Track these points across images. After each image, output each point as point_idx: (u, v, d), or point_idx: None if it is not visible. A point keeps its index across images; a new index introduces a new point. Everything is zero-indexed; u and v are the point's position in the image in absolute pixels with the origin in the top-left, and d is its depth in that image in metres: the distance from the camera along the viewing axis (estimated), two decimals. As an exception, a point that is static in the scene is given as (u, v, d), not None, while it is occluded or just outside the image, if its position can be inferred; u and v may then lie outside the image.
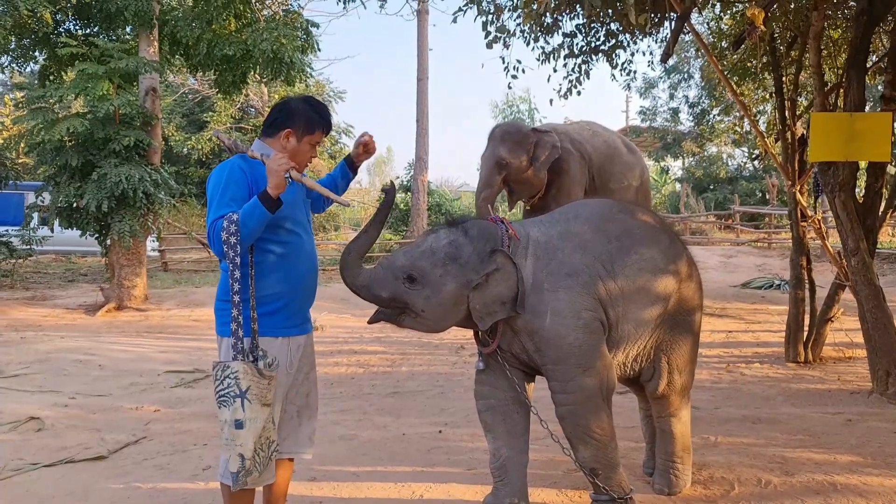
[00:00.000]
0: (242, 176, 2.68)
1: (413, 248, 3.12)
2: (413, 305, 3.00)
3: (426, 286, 2.99)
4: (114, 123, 10.01)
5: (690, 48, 21.73)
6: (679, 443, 3.52)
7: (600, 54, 7.15)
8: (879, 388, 5.34)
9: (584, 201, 3.84)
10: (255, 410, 2.54)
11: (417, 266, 3.00)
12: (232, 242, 2.54)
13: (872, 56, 6.78)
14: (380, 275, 3.02)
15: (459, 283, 3.01)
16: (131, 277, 10.48)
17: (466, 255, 3.04)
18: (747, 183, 26.31)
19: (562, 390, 3.09)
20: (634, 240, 3.34)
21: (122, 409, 5.25)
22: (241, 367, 2.54)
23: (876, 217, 5.76)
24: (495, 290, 3.02)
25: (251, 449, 2.53)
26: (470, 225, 3.14)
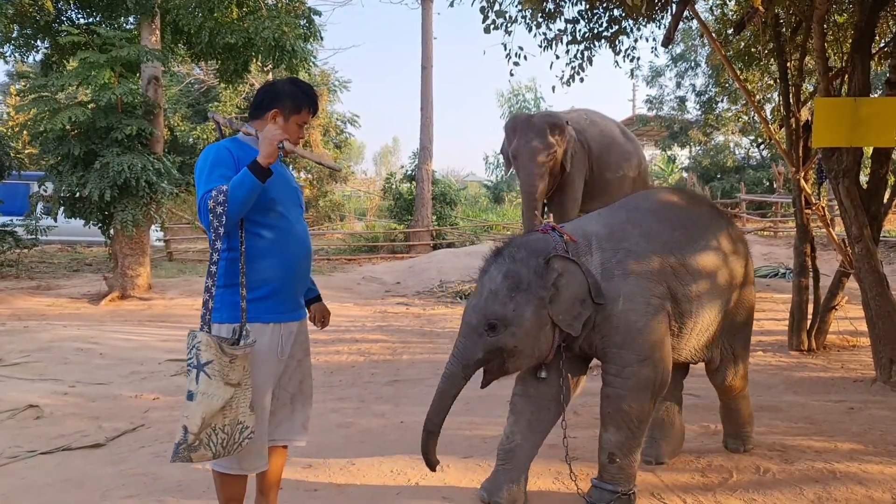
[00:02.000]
0: (229, 156, 2.64)
1: (475, 301, 3.10)
2: (506, 348, 3.02)
3: (508, 325, 2.99)
4: (116, 112, 9.99)
5: (697, 36, 21.58)
6: (746, 414, 3.85)
7: (603, 40, 7.07)
8: (883, 376, 5.30)
9: (644, 192, 3.88)
10: (214, 387, 2.46)
11: (489, 314, 3.00)
12: (218, 212, 2.49)
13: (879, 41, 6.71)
14: (466, 344, 3.04)
15: (534, 306, 3.02)
16: (135, 266, 10.49)
17: (525, 278, 3.04)
18: (754, 172, 26.16)
19: (617, 374, 3.12)
20: (698, 226, 3.45)
21: (122, 398, 5.25)
22: (204, 339, 2.49)
23: (881, 204, 5.70)
24: (569, 293, 3.04)
25: (197, 424, 2.43)
26: (514, 248, 3.14)
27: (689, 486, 3.41)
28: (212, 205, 2.49)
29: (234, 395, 2.52)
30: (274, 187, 2.68)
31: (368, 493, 3.39)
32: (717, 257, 3.42)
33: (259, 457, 2.70)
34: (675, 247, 3.28)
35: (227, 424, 2.50)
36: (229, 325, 2.62)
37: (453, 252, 15.69)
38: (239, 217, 2.57)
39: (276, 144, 2.57)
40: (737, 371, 3.67)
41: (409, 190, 20.79)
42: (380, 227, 22.41)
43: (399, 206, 21.00)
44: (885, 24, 6.63)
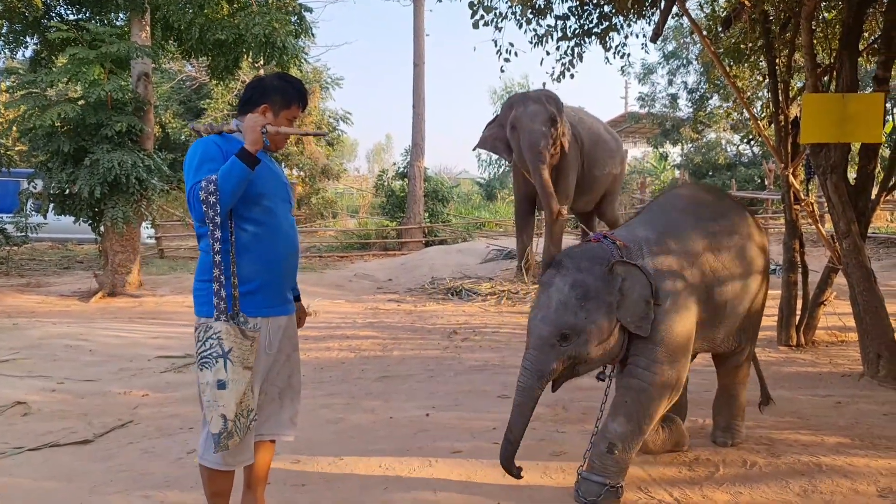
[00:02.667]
0: (218, 150, 2.64)
1: (543, 311, 3.15)
2: (580, 357, 3.12)
3: (580, 334, 3.09)
4: (106, 109, 9.96)
5: (689, 33, 21.63)
6: (741, 404, 3.95)
7: (593, 37, 7.10)
8: (870, 370, 5.33)
9: (676, 193, 3.98)
10: (238, 373, 2.53)
11: (562, 324, 3.08)
12: (211, 202, 2.50)
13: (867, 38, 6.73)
14: (539, 357, 3.10)
15: (605, 313, 3.12)
16: (125, 264, 10.47)
17: (593, 287, 3.13)
18: (745, 169, 26.22)
19: (646, 367, 3.22)
20: (730, 222, 3.66)
21: (111, 394, 5.24)
22: (223, 328, 2.53)
23: (868, 199, 5.72)
24: (635, 296, 3.15)
25: (233, 410, 2.51)
26: (577, 259, 3.24)
27: (675, 479, 3.43)
28: (203, 195, 2.50)
29: (250, 381, 2.59)
30: (262, 182, 2.69)
31: (356, 488, 3.39)
32: (748, 252, 3.65)
33: (246, 451, 2.70)
34: (712, 245, 3.49)
35: (244, 410, 2.57)
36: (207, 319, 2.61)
37: (445, 249, 15.70)
38: (231, 204, 2.58)
39: (259, 130, 2.58)
40: (751, 352, 3.91)
41: (402, 187, 20.77)
42: (372, 224, 22.38)
43: (391, 203, 20.99)
44: (873, 20, 6.65)
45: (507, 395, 4.97)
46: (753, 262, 3.68)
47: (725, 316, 3.55)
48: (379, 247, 19.10)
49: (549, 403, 4.60)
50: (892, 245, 13.46)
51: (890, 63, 5.61)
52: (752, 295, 3.70)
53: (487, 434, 4.14)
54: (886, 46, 5.57)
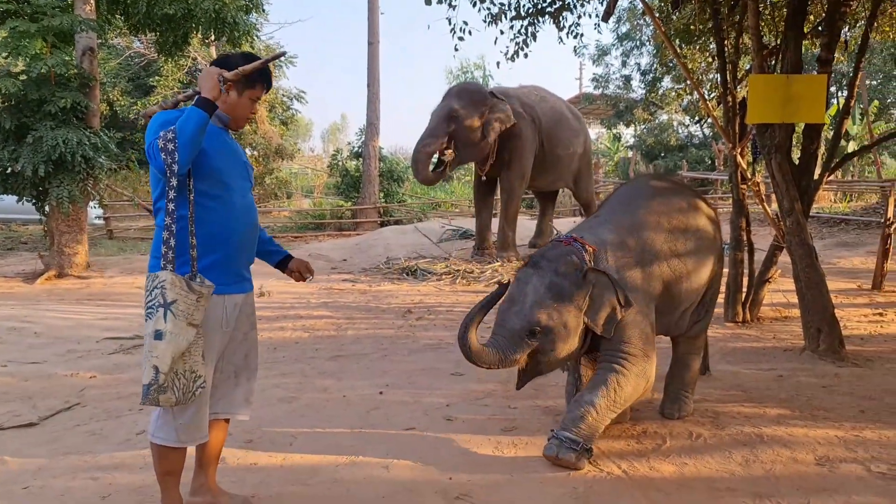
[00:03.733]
0: (178, 114, 2.59)
1: (518, 304, 3.32)
2: (544, 352, 3.31)
3: (549, 332, 3.28)
4: (49, 84, 9.65)
5: (642, 15, 21.80)
6: (693, 373, 4.11)
7: (546, 16, 7.11)
8: (811, 345, 5.50)
9: (634, 187, 4.07)
10: (179, 327, 2.45)
11: (534, 321, 3.26)
12: (170, 149, 2.45)
13: (812, 20, 6.87)
14: (505, 345, 3.26)
15: (573, 315, 3.32)
16: (72, 244, 10.21)
17: (567, 289, 3.32)
18: (696, 150, 26.69)
19: (624, 357, 3.43)
20: (686, 214, 3.86)
21: (57, 376, 5.13)
22: (168, 277, 2.47)
23: (811, 179, 5.87)
24: (602, 302, 3.36)
25: (167, 364, 2.42)
26: (554, 263, 3.38)
27: (624, 452, 3.50)
28: (161, 143, 2.45)
29: (195, 340, 2.51)
30: (219, 157, 2.66)
31: (309, 467, 3.38)
32: (705, 243, 3.88)
33: (199, 429, 2.67)
34: (671, 242, 3.70)
35: (187, 371, 2.49)
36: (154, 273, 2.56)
37: (401, 229, 15.66)
38: (193, 152, 2.51)
39: (216, 77, 2.56)
40: (708, 323, 4.17)
41: (356, 167, 20.63)
42: (327, 204, 22.22)
43: (346, 183, 20.84)
44: (818, 3, 6.79)
45: (460, 373, 5.03)
46: (709, 253, 3.93)
47: (682, 305, 3.82)
48: (334, 227, 18.98)
49: (501, 380, 4.66)
50: (835, 225, 13.85)
51: (833, 45, 5.76)
52: (707, 282, 3.96)
53: (441, 411, 4.17)
54: (829, 29, 5.71)
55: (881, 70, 23.74)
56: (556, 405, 4.20)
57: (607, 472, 3.27)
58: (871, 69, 23.04)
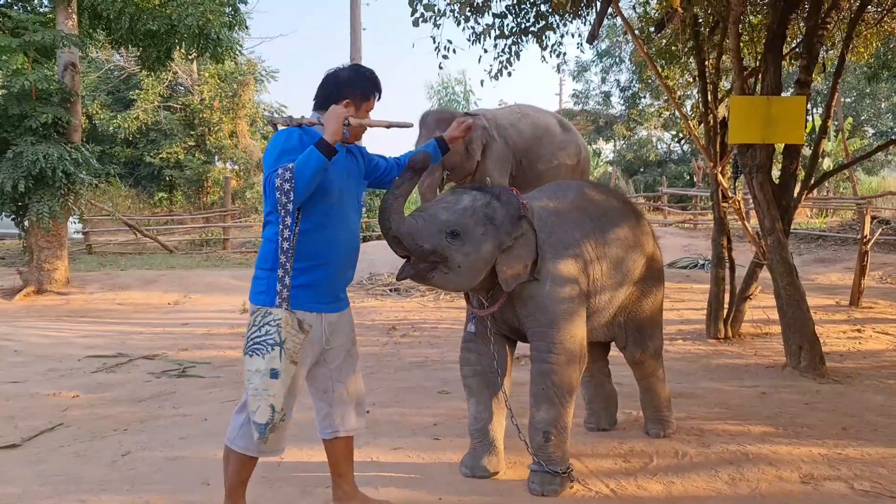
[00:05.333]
0: (298, 141, 2.63)
1: (450, 204, 3.17)
2: (452, 260, 3.07)
3: (467, 243, 3.09)
4: (30, 99, 9.60)
5: (622, 33, 22.07)
6: (663, 396, 4.04)
7: (530, 35, 7.18)
8: (792, 361, 5.57)
9: (565, 182, 4.14)
10: (287, 365, 2.50)
11: (462, 223, 3.09)
12: (286, 189, 2.47)
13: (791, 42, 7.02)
14: (422, 226, 3.04)
15: (495, 244, 3.15)
16: (52, 260, 10.11)
17: (500, 218, 3.19)
18: (675, 166, 26.99)
19: (548, 350, 3.27)
20: (611, 219, 3.69)
21: (39, 396, 5.07)
22: (284, 315, 2.50)
23: (791, 198, 5.97)
24: (521, 254, 3.22)
25: (281, 403, 2.49)
26: (499, 191, 3.31)
27: (612, 471, 3.52)
28: (279, 182, 2.47)
29: (296, 375, 2.58)
30: (334, 175, 2.69)
31: (297, 487, 3.37)
32: (627, 248, 3.69)
33: (282, 441, 2.74)
34: (593, 236, 3.52)
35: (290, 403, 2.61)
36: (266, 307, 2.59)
37: (384, 245, 15.63)
38: (307, 194, 2.54)
39: (342, 121, 2.58)
40: (645, 348, 3.90)
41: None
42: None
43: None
44: (796, 25, 6.94)
45: (447, 392, 5.04)
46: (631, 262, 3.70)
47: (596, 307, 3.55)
48: (315, 242, 18.88)
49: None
50: (812, 241, 14.06)
51: (811, 67, 5.88)
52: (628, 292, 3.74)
53: (428, 430, 4.17)
54: (808, 51, 5.83)
55: (855, 88, 24.20)
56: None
57: (596, 491, 3.29)
58: (845, 87, 23.48)
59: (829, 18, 5.91)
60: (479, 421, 3.46)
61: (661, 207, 21.63)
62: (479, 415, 3.46)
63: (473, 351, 3.51)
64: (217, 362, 6.14)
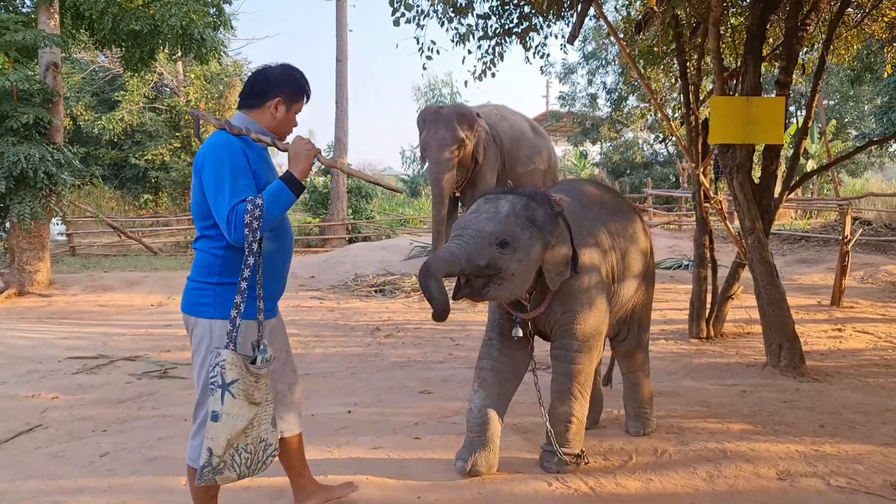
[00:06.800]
0: (245, 160, 2.53)
1: (491, 214, 3.15)
2: (506, 269, 3.08)
3: (518, 249, 3.09)
4: (11, 100, 9.52)
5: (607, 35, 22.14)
6: (647, 391, 4.09)
7: (513, 36, 7.20)
8: (773, 360, 5.61)
9: (573, 180, 4.16)
10: (238, 406, 2.42)
11: (508, 231, 3.09)
12: (255, 227, 2.42)
13: (771, 44, 7.06)
14: (473, 245, 3.04)
15: (542, 245, 3.18)
16: (33, 262, 10.03)
17: (542, 218, 3.20)
18: (661, 168, 27.08)
19: (578, 349, 3.37)
20: (625, 216, 3.84)
21: (18, 397, 5.04)
22: (229, 357, 2.42)
23: (771, 198, 6.01)
24: (562, 252, 3.25)
25: (222, 446, 2.39)
26: (532, 191, 3.31)
27: (591, 469, 3.53)
28: (248, 219, 2.41)
29: (257, 414, 2.49)
30: None
31: (276, 488, 3.36)
32: (637, 244, 3.85)
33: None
34: (611, 231, 3.66)
35: (250, 443, 2.48)
36: (223, 320, 2.54)
37: (369, 246, 15.61)
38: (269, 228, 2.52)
39: (312, 159, 2.54)
40: (641, 341, 4.05)
41: (325, 183, 20.58)
42: (294, 221, 22.08)
43: (314, 199, 20.76)
44: (776, 27, 6.99)
45: (428, 391, 5.04)
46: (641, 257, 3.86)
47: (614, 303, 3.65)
48: (301, 244, 18.87)
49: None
50: (795, 241, 14.15)
51: (791, 68, 5.92)
52: (638, 286, 3.89)
53: (409, 429, 4.17)
54: (787, 52, 5.87)
55: (838, 90, 24.40)
56: (524, 423, 4.23)
57: (575, 489, 3.30)
58: (829, 89, 23.67)
59: (808, 20, 5.96)
60: (482, 415, 3.45)
61: (647, 209, 21.70)
62: (482, 408, 3.46)
63: (496, 348, 3.53)
64: (199, 363, 6.10)
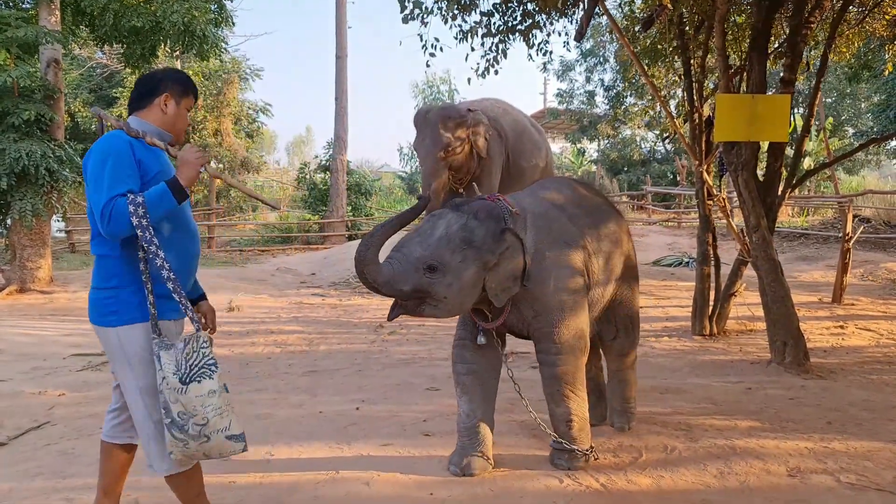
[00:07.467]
0: (131, 157, 2.50)
1: (424, 236, 3.15)
2: (436, 294, 3.08)
3: (447, 273, 3.07)
4: (12, 96, 9.47)
5: (606, 32, 22.15)
6: (634, 387, 4.12)
7: (517, 34, 7.19)
8: (777, 357, 5.63)
9: (553, 178, 4.16)
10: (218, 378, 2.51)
11: (436, 255, 3.07)
12: (144, 224, 2.41)
13: (775, 41, 7.07)
14: (399, 270, 3.05)
15: (478, 266, 3.14)
16: (35, 258, 10.00)
17: (480, 238, 3.15)
18: (659, 165, 27.10)
19: (557, 352, 3.35)
20: (602, 214, 3.78)
21: (24, 395, 5.03)
22: (208, 337, 2.52)
23: (776, 195, 6.02)
24: (508, 268, 3.21)
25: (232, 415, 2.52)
26: (477, 207, 3.25)
27: (601, 466, 3.54)
28: (136, 220, 2.40)
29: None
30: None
31: (288, 484, 3.37)
32: (617, 243, 3.81)
33: None
34: (588, 231, 3.60)
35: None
36: (133, 325, 2.51)
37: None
38: None
39: (199, 168, 2.54)
40: (632, 340, 4.06)
41: (324, 180, 20.55)
42: (294, 217, 22.08)
43: (313, 196, 20.73)
44: (780, 25, 6.99)
45: (435, 388, 5.05)
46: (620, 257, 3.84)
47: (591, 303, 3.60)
48: (301, 241, 18.86)
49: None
50: (795, 239, 14.18)
51: (795, 66, 5.93)
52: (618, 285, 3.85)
53: (418, 426, 4.18)
54: (791, 50, 5.88)
55: (835, 88, 24.44)
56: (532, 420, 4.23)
57: (586, 485, 3.31)
58: (826, 87, 23.70)
59: (812, 18, 5.97)
60: (470, 419, 3.47)
61: (645, 206, 21.74)
62: (471, 413, 3.48)
63: (469, 349, 3.51)
64: (204, 360, 6.10)
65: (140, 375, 2.53)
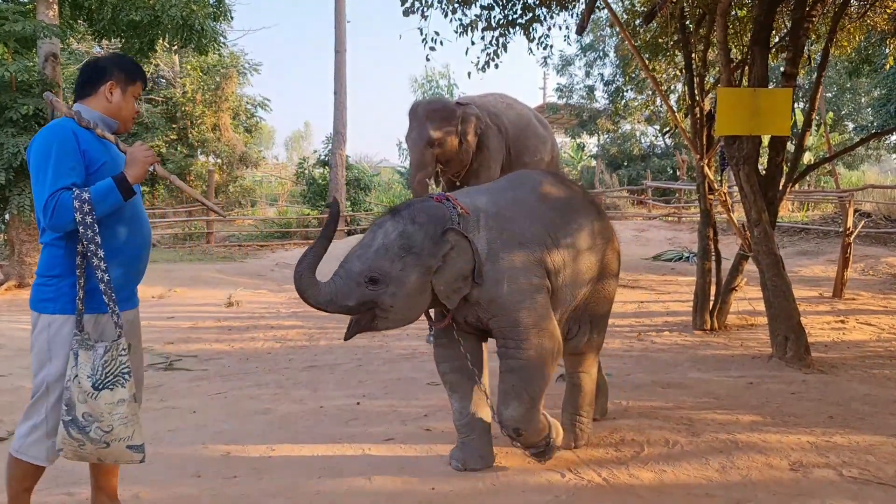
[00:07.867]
0: (76, 146, 2.48)
1: (364, 248, 3.11)
2: (381, 305, 3.05)
3: (390, 283, 3.03)
4: (10, 90, 9.44)
5: (606, 26, 22.14)
6: (587, 397, 3.76)
7: (517, 27, 7.19)
8: (778, 352, 5.62)
9: (525, 172, 3.99)
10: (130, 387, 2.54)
11: (375, 267, 3.02)
12: (88, 222, 2.41)
13: (776, 35, 7.05)
14: (341, 286, 3.02)
15: (420, 272, 3.07)
16: (33, 253, 9.95)
17: (419, 243, 3.08)
18: (659, 160, 27.11)
19: (516, 346, 3.20)
20: (573, 210, 3.55)
21: (24, 389, 4.99)
22: (128, 345, 2.52)
23: (777, 189, 6.01)
24: (455, 268, 3.11)
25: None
26: (416, 211, 3.16)
27: (603, 460, 3.54)
28: (79, 217, 2.40)
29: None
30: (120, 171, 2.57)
31: (289, 478, 3.36)
32: (589, 239, 3.56)
33: None
34: (554, 228, 3.39)
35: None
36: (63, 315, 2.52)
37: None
38: None
39: (148, 167, 2.53)
40: (591, 340, 3.72)
41: (323, 175, 20.53)
42: (292, 212, 22.06)
43: (312, 191, 20.72)
44: (782, 19, 6.97)
45: (436, 383, 5.01)
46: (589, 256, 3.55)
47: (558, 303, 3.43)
48: (300, 236, 18.84)
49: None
50: (795, 234, 14.18)
51: (797, 60, 5.91)
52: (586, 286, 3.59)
53: (419, 420, 4.18)
54: (793, 44, 5.86)
55: (836, 83, 24.43)
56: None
57: (588, 480, 3.30)
58: (827, 82, 23.68)
59: (814, 11, 5.95)
60: (465, 415, 3.43)
61: (646, 201, 21.74)
62: (464, 409, 3.43)
63: (448, 347, 3.43)
64: (203, 355, 6.10)
65: (54, 366, 2.53)
